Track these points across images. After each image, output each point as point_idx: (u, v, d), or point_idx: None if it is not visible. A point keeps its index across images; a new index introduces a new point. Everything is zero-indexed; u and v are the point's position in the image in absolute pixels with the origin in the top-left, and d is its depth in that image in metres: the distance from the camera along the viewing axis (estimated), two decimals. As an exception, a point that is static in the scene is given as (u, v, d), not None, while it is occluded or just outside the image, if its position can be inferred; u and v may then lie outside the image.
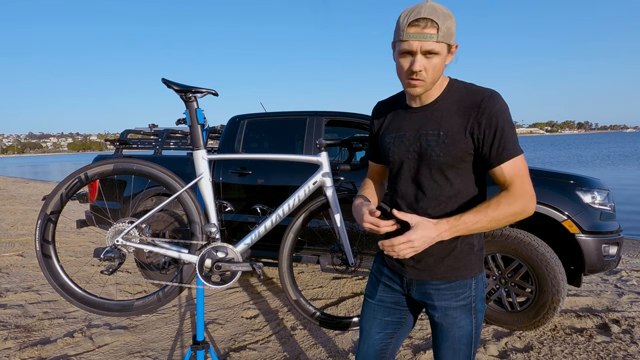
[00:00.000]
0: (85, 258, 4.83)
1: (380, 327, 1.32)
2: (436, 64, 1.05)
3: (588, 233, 2.67)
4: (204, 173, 1.70)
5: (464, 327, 1.19)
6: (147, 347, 2.61)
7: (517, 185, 1.06)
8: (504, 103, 1.08)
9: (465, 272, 1.17)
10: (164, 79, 1.65)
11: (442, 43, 1.03)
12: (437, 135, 1.10)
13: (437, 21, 1.00)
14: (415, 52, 1.04)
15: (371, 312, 1.34)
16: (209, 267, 1.63)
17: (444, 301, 1.18)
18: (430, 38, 1.01)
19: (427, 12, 1.00)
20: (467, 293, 1.18)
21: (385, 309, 1.32)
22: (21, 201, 10.91)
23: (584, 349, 2.53)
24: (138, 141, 4.31)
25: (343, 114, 3.40)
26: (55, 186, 1.63)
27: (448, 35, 1.03)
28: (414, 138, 1.15)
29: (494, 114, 1.05)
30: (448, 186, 1.13)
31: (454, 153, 1.09)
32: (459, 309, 1.18)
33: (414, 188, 1.18)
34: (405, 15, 1.03)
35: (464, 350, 1.21)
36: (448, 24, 1.02)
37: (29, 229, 6.64)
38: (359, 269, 2.06)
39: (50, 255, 1.63)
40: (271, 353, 2.54)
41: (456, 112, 1.10)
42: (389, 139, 1.23)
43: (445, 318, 1.19)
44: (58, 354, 2.52)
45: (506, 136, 1.05)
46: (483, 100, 1.07)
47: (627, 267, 4.44)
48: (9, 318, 3.04)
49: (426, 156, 1.13)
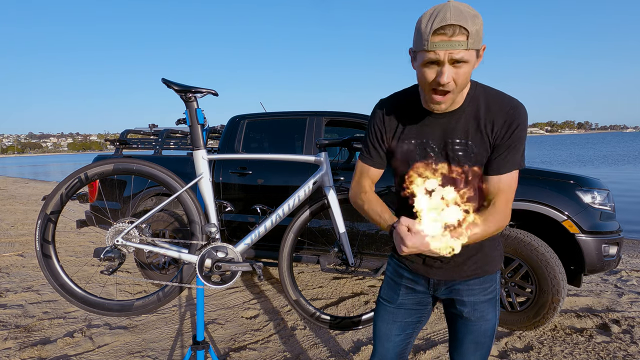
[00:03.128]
0: (85, 258, 4.83)
1: (400, 329, 1.30)
2: (465, 72, 0.95)
3: (588, 233, 2.67)
4: (204, 173, 1.70)
5: (490, 320, 1.20)
6: (147, 347, 2.61)
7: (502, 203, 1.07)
8: (526, 117, 1.05)
9: (492, 267, 1.19)
10: (164, 79, 1.65)
11: (472, 50, 0.93)
12: (466, 145, 1.06)
13: (465, 27, 0.89)
14: (442, 62, 0.93)
15: (390, 315, 1.31)
16: (209, 267, 1.63)
17: (473, 296, 1.19)
18: (459, 46, 0.90)
19: (453, 17, 0.88)
20: (493, 286, 1.20)
21: (406, 311, 1.29)
22: (21, 201, 10.91)
23: (584, 349, 2.53)
24: (138, 141, 4.31)
25: (343, 114, 3.40)
26: (55, 186, 1.63)
27: (477, 40, 0.92)
28: (440, 147, 1.09)
29: (518, 126, 1.03)
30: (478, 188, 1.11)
31: (481, 162, 1.07)
32: (486, 302, 1.19)
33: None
34: (428, 20, 0.92)
35: (487, 343, 1.22)
36: (477, 26, 0.91)
37: (29, 229, 6.64)
38: (358, 269, 2.06)
39: (50, 255, 1.63)
40: (271, 353, 2.54)
41: (484, 119, 1.05)
42: (408, 145, 1.13)
43: (474, 312, 1.19)
44: (58, 353, 2.52)
45: (516, 150, 1.05)
46: (510, 109, 1.04)
47: (627, 267, 4.44)
48: (9, 318, 3.04)
49: (454, 164, 1.08)
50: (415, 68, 1.02)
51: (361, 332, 2.80)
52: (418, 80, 1.04)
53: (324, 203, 1.86)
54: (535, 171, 2.90)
